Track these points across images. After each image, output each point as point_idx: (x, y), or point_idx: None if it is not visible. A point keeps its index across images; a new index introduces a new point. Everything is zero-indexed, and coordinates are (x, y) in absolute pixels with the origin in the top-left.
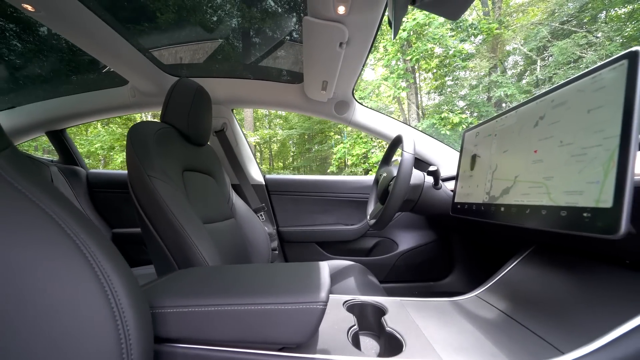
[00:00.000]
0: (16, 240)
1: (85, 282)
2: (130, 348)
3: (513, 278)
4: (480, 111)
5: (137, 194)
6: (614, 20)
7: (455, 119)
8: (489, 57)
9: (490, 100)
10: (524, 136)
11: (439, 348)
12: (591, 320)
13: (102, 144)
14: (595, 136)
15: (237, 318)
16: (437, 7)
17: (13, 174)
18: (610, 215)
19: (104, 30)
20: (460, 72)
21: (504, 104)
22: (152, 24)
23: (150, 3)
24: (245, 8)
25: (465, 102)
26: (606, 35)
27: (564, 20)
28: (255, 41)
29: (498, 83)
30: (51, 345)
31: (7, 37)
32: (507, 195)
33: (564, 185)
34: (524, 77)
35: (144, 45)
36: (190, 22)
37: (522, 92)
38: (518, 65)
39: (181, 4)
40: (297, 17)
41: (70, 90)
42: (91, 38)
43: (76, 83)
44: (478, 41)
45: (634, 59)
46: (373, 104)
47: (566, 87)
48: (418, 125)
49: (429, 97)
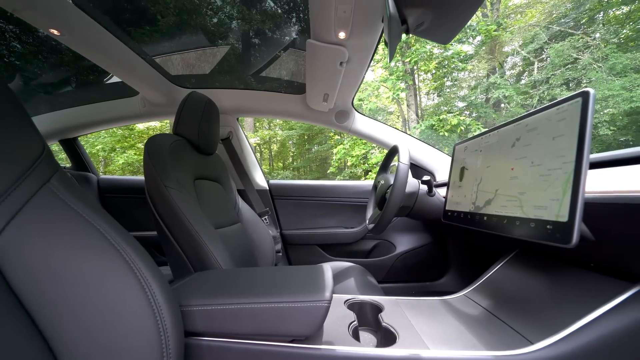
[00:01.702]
0: (76, 254)
1: (130, 286)
2: (167, 340)
3: (497, 279)
4: (479, 112)
5: (154, 202)
6: (611, 21)
7: (453, 120)
8: (488, 58)
9: (488, 101)
10: (503, 154)
11: (427, 340)
12: (558, 315)
13: (104, 145)
14: (557, 160)
15: (254, 314)
16: (429, 34)
17: (65, 193)
18: (566, 228)
19: (119, 47)
20: (459, 73)
21: (503, 105)
22: (161, 35)
23: (161, 17)
24: (252, 25)
25: (464, 102)
26: (602, 38)
27: (562, 22)
28: (260, 54)
29: (496, 85)
30: (109, 335)
31: (27, 54)
32: (490, 206)
33: (534, 200)
34: (522, 78)
35: (152, 53)
36: (198, 34)
37: (519, 93)
38: (517, 65)
39: (188, 21)
40: (300, 34)
41: (84, 100)
42: (107, 55)
43: (89, 93)
44: (477, 42)
45: (586, 98)
46: (372, 105)
47: (538, 115)
48: (417, 126)
49: (429, 98)
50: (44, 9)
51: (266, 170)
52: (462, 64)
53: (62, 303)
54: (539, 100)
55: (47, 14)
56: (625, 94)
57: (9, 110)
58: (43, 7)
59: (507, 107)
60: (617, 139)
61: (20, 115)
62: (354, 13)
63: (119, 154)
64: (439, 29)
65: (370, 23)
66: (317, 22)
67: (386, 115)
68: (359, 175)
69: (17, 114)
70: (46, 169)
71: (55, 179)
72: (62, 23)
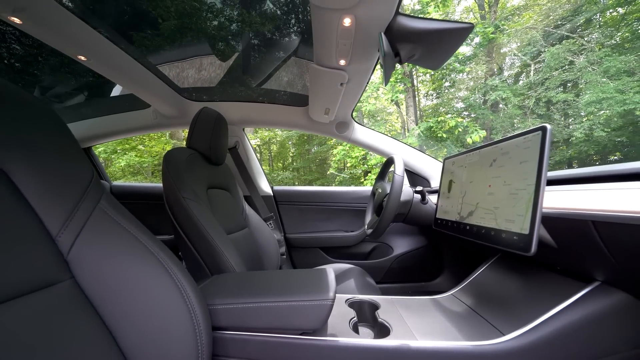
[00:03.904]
0: (125, 262)
1: (169, 288)
2: (201, 334)
3: (480, 280)
4: (477, 114)
5: (173, 211)
6: (608, 23)
7: (451, 122)
8: (486, 60)
9: (486, 103)
10: (483, 172)
11: (416, 333)
12: (528, 310)
13: (105, 147)
14: (523, 182)
15: (269, 311)
16: (420, 62)
17: (112, 211)
18: (527, 239)
19: (136, 68)
20: (458, 74)
21: (500, 105)
22: (171, 48)
23: (181, 37)
24: (258, 43)
25: (462, 104)
26: (597, 41)
27: (558, 24)
28: (264, 68)
29: (494, 87)
30: (156, 330)
31: (47, 69)
32: (472, 217)
33: (505, 214)
34: (521, 79)
35: (157, 61)
36: (208, 49)
37: (516, 95)
38: (515, 66)
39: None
40: (303, 45)
41: (100, 112)
42: (124, 74)
43: (106, 105)
44: (474, 44)
45: (544, 132)
46: (371, 107)
47: (510, 141)
48: (415, 128)
49: (427, 98)
50: (72, 37)
51: (266, 170)
52: (460, 66)
53: (118, 302)
54: (536, 101)
55: (75, 42)
56: (619, 97)
57: (67, 142)
58: (71, 35)
59: (505, 108)
60: (612, 139)
61: (75, 145)
62: (353, 46)
63: (120, 155)
64: (429, 58)
65: (367, 52)
66: (320, 51)
67: (385, 116)
68: (358, 176)
69: (73, 144)
70: (97, 191)
71: (103, 199)
72: (87, 50)
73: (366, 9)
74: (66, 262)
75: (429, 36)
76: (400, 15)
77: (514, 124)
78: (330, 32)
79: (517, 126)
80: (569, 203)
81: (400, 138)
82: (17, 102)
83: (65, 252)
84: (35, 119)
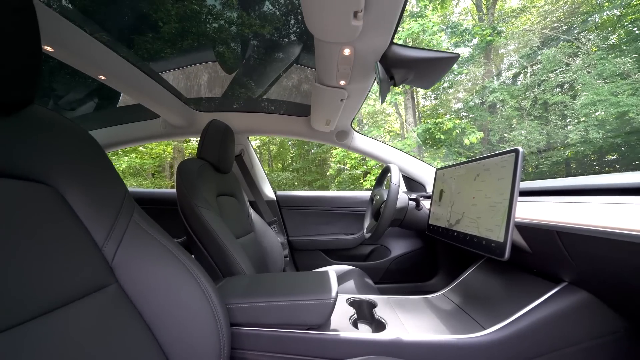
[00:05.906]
0: (156, 269)
1: (194, 291)
2: (222, 330)
3: (468, 281)
4: (475, 115)
5: (187, 218)
6: (605, 24)
7: (449, 124)
8: (483, 62)
9: (484, 104)
10: (468, 185)
11: (409, 328)
12: (506, 307)
13: None
14: (500, 196)
15: (279, 309)
16: (414, 84)
17: (144, 223)
18: (502, 246)
19: (148, 83)
20: (456, 76)
21: (498, 107)
22: (175, 57)
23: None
24: (263, 52)
25: (460, 104)
26: (592, 44)
27: (555, 27)
28: (267, 77)
29: (491, 89)
30: (186, 326)
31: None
32: (459, 225)
33: (486, 224)
34: (518, 80)
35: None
36: (216, 61)
37: (513, 97)
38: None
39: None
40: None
41: (112, 121)
42: (135, 88)
43: (117, 115)
44: (472, 45)
45: (517, 154)
46: (370, 109)
47: (491, 159)
48: (414, 129)
49: (426, 98)
50: (90, 58)
51: (266, 171)
52: (458, 67)
53: (155, 302)
54: (532, 103)
55: (97, 63)
56: (612, 99)
57: (105, 163)
58: (89, 56)
59: (502, 110)
60: (607, 141)
61: (110, 165)
62: (352, 69)
63: (121, 157)
64: (421, 80)
65: (365, 74)
66: (322, 73)
67: (384, 117)
68: (358, 176)
69: (108, 164)
70: (130, 205)
71: (136, 213)
72: (107, 70)
73: (364, 42)
74: (111, 268)
75: (420, 63)
76: (395, 45)
77: (512, 125)
78: (332, 59)
79: (514, 127)
80: (540, 215)
81: (399, 139)
82: (66, 131)
83: (110, 259)
84: (81, 145)
